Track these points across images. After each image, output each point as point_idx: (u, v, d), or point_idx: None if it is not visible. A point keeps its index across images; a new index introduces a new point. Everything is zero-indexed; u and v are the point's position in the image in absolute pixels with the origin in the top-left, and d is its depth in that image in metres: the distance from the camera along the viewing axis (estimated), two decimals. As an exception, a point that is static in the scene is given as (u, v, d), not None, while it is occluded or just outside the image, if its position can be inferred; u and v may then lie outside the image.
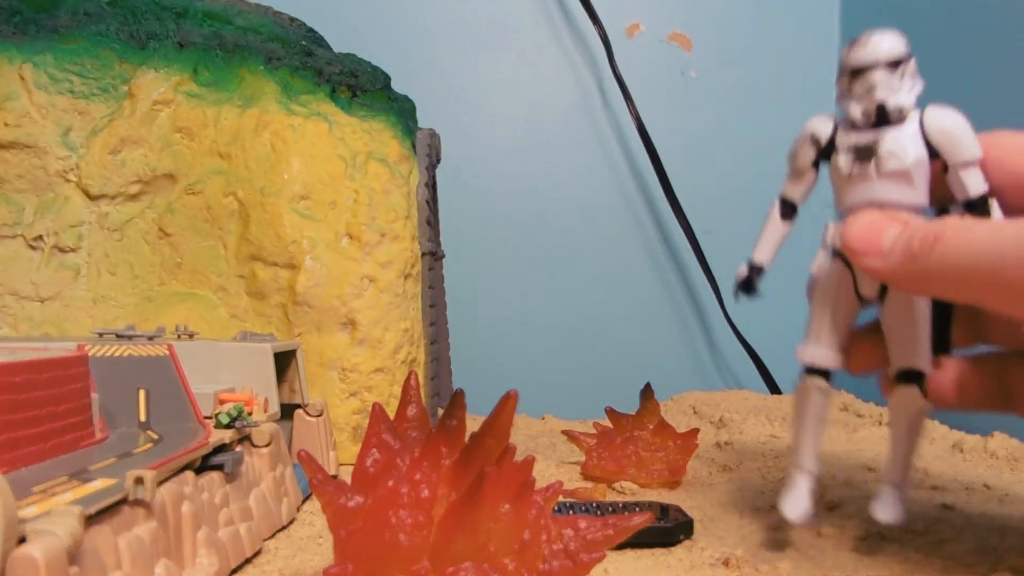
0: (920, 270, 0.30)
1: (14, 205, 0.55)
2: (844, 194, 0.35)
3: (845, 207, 0.34)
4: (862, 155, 0.34)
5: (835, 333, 0.35)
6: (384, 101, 0.62)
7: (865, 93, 0.33)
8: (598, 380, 0.88)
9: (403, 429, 0.27)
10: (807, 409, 0.36)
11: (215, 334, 0.56)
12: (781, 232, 0.38)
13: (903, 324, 0.34)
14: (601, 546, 0.26)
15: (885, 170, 0.33)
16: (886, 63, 0.33)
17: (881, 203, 0.33)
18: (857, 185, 0.34)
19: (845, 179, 0.34)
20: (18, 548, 0.20)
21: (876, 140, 0.33)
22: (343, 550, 0.25)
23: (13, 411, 0.27)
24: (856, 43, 0.34)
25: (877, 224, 0.32)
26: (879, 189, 0.33)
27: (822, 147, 0.35)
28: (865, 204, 0.33)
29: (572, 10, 0.89)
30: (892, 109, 0.33)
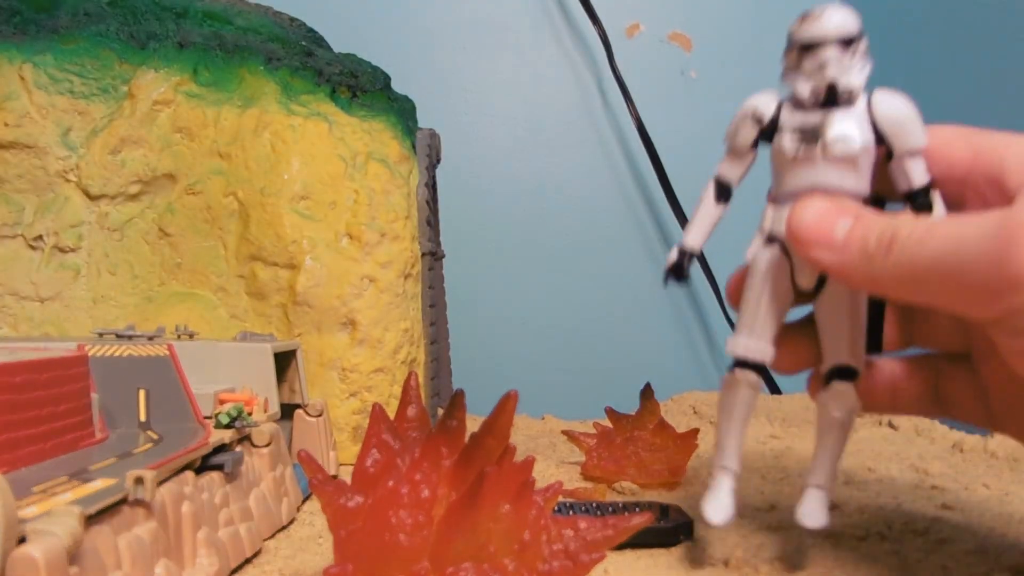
0: (875, 270, 0.29)
1: (14, 205, 0.55)
2: (786, 177, 0.32)
3: (786, 191, 0.32)
4: (808, 137, 0.32)
5: (769, 324, 0.33)
6: (384, 101, 0.62)
7: (815, 70, 0.31)
8: (598, 380, 0.88)
9: (403, 429, 0.27)
10: (734, 405, 0.34)
11: (215, 334, 0.56)
12: (715, 215, 0.35)
13: (840, 319, 0.33)
14: (601, 546, 0.26)
15: (831, 154, 0.31)
16: (839, 40, 0.31)
17: (825, 188, 0.31)
18: (801, 168, 0.32)
19: (788, 161, 0.32)
20: (18, 548, 0.20)
21: (823, 121, 0.31)
22: (343, 550, 0.25)
23: (13, 411, 0.27)
24: (808, 16, 0.31)
25: (828, 213, 0.30)
26: (823, 173, 0.31)
27: (764, 126, 0.33)
28: (808, 189, 0.31)
29: (572, 10, 0.89)
30: (843, 90, 0.31)
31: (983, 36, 0.69)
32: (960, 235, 0.27)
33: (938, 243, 0.27)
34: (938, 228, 0.28)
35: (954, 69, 0.73)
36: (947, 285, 0.27)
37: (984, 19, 0.69)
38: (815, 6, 0.32)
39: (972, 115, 0.70)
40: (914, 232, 0.28)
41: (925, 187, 0.32)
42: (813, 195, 0.31)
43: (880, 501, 0.45)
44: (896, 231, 0.28)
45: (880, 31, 0.84)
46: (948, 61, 0.74)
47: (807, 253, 0.31)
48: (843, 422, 0.33)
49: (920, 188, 0.31)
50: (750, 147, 0.34)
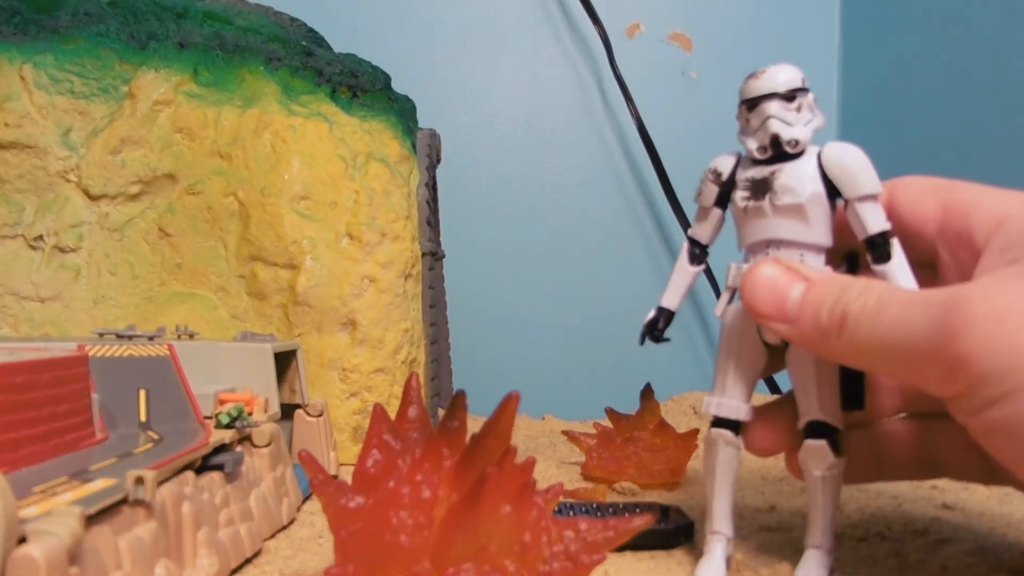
0: (831, 345, 0.30)
1: (14, 205, 0.55)
2: (743, 231, 0.33)
3: (745, 244, 0.33)
4: (757, 189, 0.32)
5: (741, 382, 0.33)
6: (384, 101, 0.62)
7: (760, 126, 0.32)
8: (598, 380, 0.88)
9: (404, 430, 0.27)
10: (716, 464, 0.34)
11: (215, 334, 0.56)
12: (690, 276, 0.36)
13: (808, 374, 0.32)
14: (602, 548, 0.26)
15: (779, 204, 0.32)
16: (781, 94, 0.32)
17: (778, 241, 0.32)
18: (753, 221, 0.33)
19: (742, 214, 0.33)
20: (18, 548, 0.20)
21: (772, 173, 0.32)
22: (344, 551, 0.25)
23: (13, 411, 0.27)
24: (752, 75, 0.33)
25: (779, 283, 0.31)
26: (774, 226, 0.32)
27: (723, 183, 0.34)
28: (763, 242, 0.32)
29: (572, 10, 0.89)
30: (787, 140, 0.32)
31: (983, 36, 0.69)
32: (906, 317, 0.27)
33: (886, 327, 0.28)
34: (886, 311, 0.28)
35: (954, 69, 0.73)
36: (899, 365, 0.28)
37: (984, 19, 0.69)
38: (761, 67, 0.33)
39: (973, 116, 0.70)
40: (864, 310, 0.28)
41: (883, 233, 0.31)
42: (763, 262, 0.31)
43: (880, 501, 0.45)
44: (847, 307, 0.29)
45: (881, 34, 0.84)
46: (948, 61, 0.74)
47: (764, 325, 0.31)
48: (826, 479, 0.32)
49: (876, 234, 0.31)
50: (713, 205, 0.35)
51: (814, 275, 0.31)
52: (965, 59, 0.71)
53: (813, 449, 0.32)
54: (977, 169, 0.70)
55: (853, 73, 0.90)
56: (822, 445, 0.32)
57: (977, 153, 0.70)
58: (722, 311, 0.35)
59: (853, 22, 0.90)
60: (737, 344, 0.33)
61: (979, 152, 0.70)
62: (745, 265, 0.33)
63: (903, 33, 0.81)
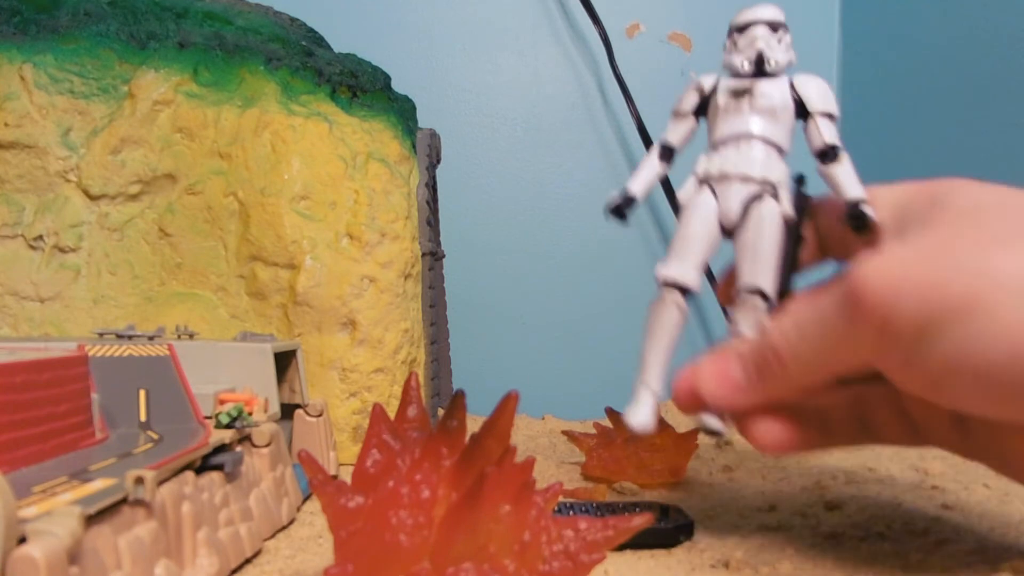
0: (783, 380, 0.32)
1: (14, 205, 0.55)
2: (719, 127, 0.37)
3: (718, 138, 0.37)
4: (738, 94, 0.37)
5: (698, 255, 0.36)
6: (384, 101, 0.62)
7: (747, 45, 0.37)
8: (598, 380, 0.88)
9: (403, 430, 0.27)
10: (661, 324, 0.37)
11: (215, 334, 0.56)
12: (657, 170, 0.39)
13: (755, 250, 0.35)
14: (601, 547, 0.26)
15: (756, 105, 0.36)
16: (767, 22, 0.37)
17: (750, 135, 0.36)
18: (730, 117, 0.37)
19: (721, 112, 0.37)
20: (18, 548, 0.20)
21: (752, 83, 0.37)
22: (343, 550, 0.25)
23: (13, 411, 0.27)
24: (743, 9, 0.37)
25: (719, 367, 0.34)
26: (749, 122, 0.36)
27: (705, 94, 0.38)
28: (735, 135, 0.36)
29: (572, 10, 0.89)
30: (769, 58, 0.36)
31: (983, 36, 0.69)
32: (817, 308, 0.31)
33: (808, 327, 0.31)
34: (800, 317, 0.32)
35: (954, 68, 0.73)
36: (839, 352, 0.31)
37: (984, 19, 0.69)
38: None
39: (973, 115, 0.70)
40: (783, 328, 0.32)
41: (835, 146, 0.36)
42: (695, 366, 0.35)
43: (880, 501, 0.45)
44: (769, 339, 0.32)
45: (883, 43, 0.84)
46: (948, 61, 0.74)
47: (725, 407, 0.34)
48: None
49: (830, 146, 0.36)
50: (691, 112, 0.39)
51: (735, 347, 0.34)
52: (965, 59, 0.71)
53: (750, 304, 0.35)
54: (977, 167, 0.70)
55: (853, 73, 0.90)
56: (758, 301, 0.35)
57: (977, 151, 0.70)
58: (686, 195, 0.38)
59: (853, 22, 0.90)
60: (698, 222, 0.37)
61: (979, 151, 0.70)
62: (716, 154, 0.37)
63: (903, 33, 0.81)
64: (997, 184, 0.32)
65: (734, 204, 0.36)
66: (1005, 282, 0.27)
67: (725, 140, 0.37)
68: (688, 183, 0.38)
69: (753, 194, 0.36)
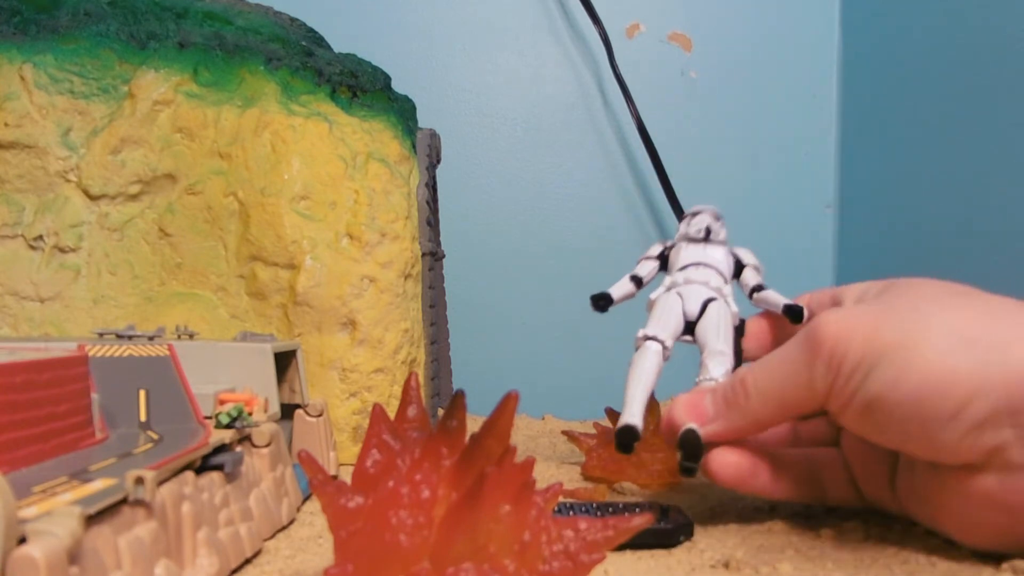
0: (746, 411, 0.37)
1: (14, 205, 0.55)
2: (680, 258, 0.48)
3: (680, 264, 0.48)
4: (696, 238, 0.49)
5: (669, 328, 0.45)
6: (384, 101, 0.62)
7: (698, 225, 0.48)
8: (598, 380, 0.88)
9: (403, 430, 0.27)
10: (640, 366, 0.44)
11: (215, 334, 0.56)
12: (631, 289, 0.50)
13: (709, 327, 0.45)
14: (601, 547, 0.26)
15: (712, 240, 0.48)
16: (711, 213, 0.49)
17: (707, 263, 0.47)
18: (692, 249, 0.48)
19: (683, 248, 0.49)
20: (18, 548, 0.20)
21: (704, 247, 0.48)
22: (343, 551, 0.25)
23: (13, 411, 0.27)
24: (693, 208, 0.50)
25: (692, 401, 0.39)
26: (706, 253, 0.48)
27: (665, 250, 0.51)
28: (695, 261, 0.48)
29: (572, 10, 0.89)
30: (714, 230, 0.48)
31: (983, 36, 0.69)
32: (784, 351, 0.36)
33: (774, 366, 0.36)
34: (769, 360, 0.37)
35: (954, 69, 0.73)
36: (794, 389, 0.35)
37: (984, 19, 0.69)
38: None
39: (973, 116, 0.70)
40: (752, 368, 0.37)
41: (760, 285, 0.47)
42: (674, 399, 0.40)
43: (880, 501, 0.45)
44: (741, 377, 0.37)
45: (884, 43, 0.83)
46: (948, 61, 0.74)
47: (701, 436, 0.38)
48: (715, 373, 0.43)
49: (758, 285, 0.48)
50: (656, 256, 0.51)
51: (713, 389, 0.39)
52: (966, 61, 0.71)
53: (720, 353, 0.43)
54: (977, 167, 0.70)
55: (853, 73, 0.90)
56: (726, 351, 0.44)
57: (977, 152, 0.70)
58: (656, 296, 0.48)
59: (853, 23, 0.90)
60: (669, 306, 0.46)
61: (979, 151, 0.70)
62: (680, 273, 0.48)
63: (903, 34, 0.81)
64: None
65: (695, 304, 0.46)
66: (933, 325, 0.33)
67: (686, 265, 0.48)
68: (659, 290, 0.48)
69: (710, 296, 0.46)
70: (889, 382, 0.32)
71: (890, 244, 0.82)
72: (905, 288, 0.37)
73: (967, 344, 0.32)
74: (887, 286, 0.39)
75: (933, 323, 0.33)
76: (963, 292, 0.36)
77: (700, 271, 0.47)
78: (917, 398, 0.32)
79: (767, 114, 0.92)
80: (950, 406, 0.31)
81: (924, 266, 0.76)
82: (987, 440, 0.31)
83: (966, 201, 0.71)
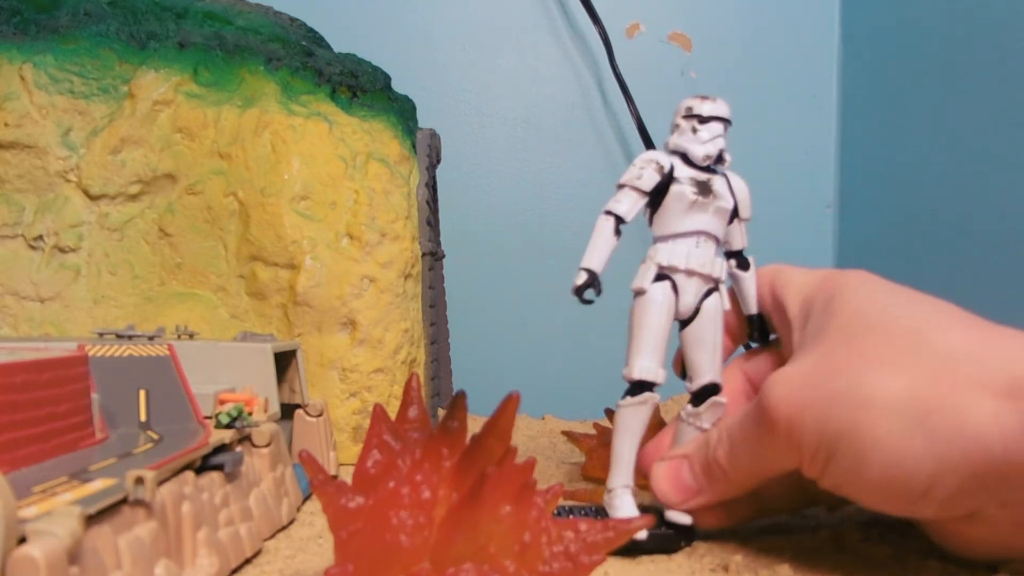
0: (729, 483, 0.37)
1: (14, 205, 0.55)
2: (681, 220, 0.39)
3: (679, 231, 0.39)
4: (702, 189, 0.39)
5: (662, 350, 0.38)
6: (384, 101, 0.62)
7: (710, 139, 0.39)
8: (598, 380, 0.88)
9: (404, 430, 0.27)
10: (637, 424, 0.38)
11: (215, 334, 0.56)
12: (614, 244, 0.40)
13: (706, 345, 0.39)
14: (602, 548, 0.26)
15: (715, 206, 0.39)
16: (728, 120, 0.39)
17: (706, 233, 0.39)
18: (695, 214, 0.39)
19: (688, 206, 0.38)
20: (18, 548, 0.20)
21: (708, 179, 0.39)
22: (344, 551, 0.25)
23: (13, 411, 0.27)
24: (708, 98, 0.39)
25: (673, 475, 0.39)
26: (709, 221, 0.39)
27: (665, 175, 0.39)
28: (695, 232, 0.39)
29: (572, 10, 0.89)
30: (727, 159, 0.40)
31: (983, 36, 0.69)
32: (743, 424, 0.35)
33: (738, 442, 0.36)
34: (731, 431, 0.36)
35: (954, 69, 0.73)
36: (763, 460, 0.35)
37: (984, 19, 0.69)
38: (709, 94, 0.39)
39: (973, 117, 0.70)
40: (721, 444, 0.37)
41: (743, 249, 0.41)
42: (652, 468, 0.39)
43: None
44: (712, 453, 0.37)
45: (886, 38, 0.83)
46: (948, 61, 0.74)
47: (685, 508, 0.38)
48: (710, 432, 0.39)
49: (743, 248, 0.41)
50: (650, 191, 0.39)
51: (685, 450, 0.39)
52: (966, 61, 0.71)
53: (715, 404, 0.39)
54: (977, 167, 0.70)
55: (853, 73, 0.90)
56: (721, 399, 0.39)
57: (977, 152, 0.70)
58: (642, 286, 0.39)
59: (853, 23, 0.90)
60: (664, 317, 0.39)
61: (979, 151, 0.70)
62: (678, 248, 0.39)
63: (903, 34, 0.81)
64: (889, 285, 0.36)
65: (692, 299, 0.39)
66: (880, 403, 0.31)
67: (684, 234, 0.39)
68: (641, 270, 0.40)
69: (708, 290, 0.39)
70: (851, 472, 0.32)
71: (890, 244, 0.82)
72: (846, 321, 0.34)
73: (919, 421, 0.30)
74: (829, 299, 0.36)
75: (879, 401, 0.31)
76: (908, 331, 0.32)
77: (702, 251, 0.39)
78: (881, 485, 0.31)
79: (767, 114, 0.92)
80: (917, 488, 0.30)
81: (924, 266, 0.76)
82: (964, 506, 0.31)
83: (966, 201, 0.71)
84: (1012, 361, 0.30)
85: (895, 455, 0.30)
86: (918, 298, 0.35)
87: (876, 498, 0.32)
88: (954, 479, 0.29)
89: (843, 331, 0.34)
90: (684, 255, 0.38)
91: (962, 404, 0.29)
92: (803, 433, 0.32)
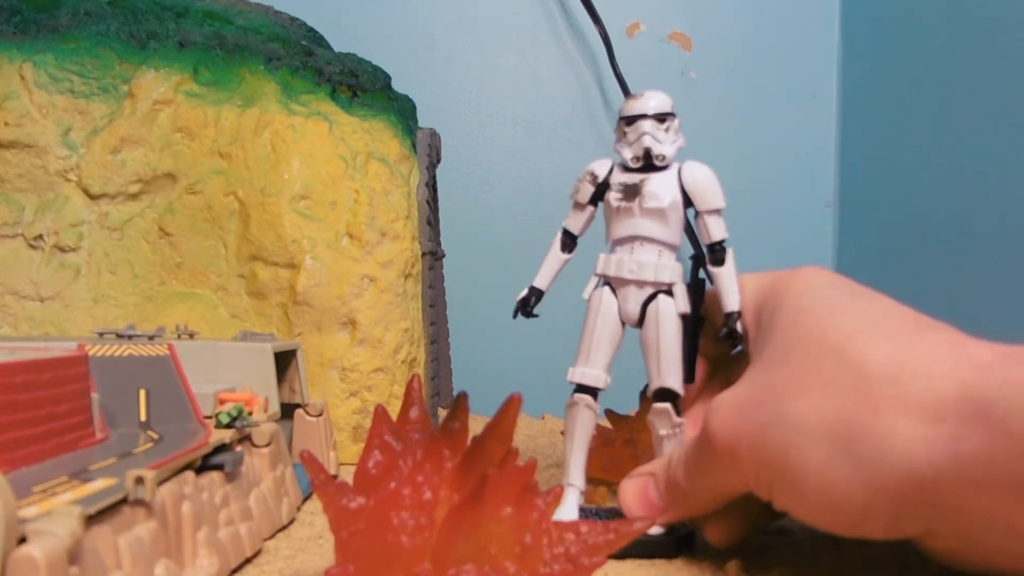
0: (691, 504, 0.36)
1: (14, 205, 0.55)
2: (613, 227, 0.39)
3: (613, 239, 0.39)
4: (628, 192, 0.38)
5: (602, 355, 0.39)
6: (384, 101, 0.62)
7: (635, 139, 0.38)
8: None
9: (405, 431, 0.27)
10: (576, 425, 0.40)
11: (215, 334, 0.56)
12: (561, 261, 0.42)
13: (655, 352, 0.38)
14: (602, 550, 0.26)
15: (646, 207, 0.37)
16: (654, 115, 0.37)
17: (642, 238, 0.38)
18: (623, 219, 0.38)
19: (614, 213, 0.38)
20: (18, 548, 0.20)
21: (641, 181, 0.38)
22: (344, 551, 0.25)
23: (13, 411, 0.27)
24: (632, 97, 0.38)
25: (640, 493, 0.38)
26: (640, 225, 0.38)
27: (599, 184, 0.39)
28: (629, 237, 0.38)
29: (572, 10, 0.89)
30: (656, 155, 0.37)
31: (983, 36, 0.69)
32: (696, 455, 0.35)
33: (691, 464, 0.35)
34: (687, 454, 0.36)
35: (954, 69, 0.73)
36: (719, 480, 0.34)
37: (984, 19, 0.69)
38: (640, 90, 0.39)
39: (973, 117, 0.70)
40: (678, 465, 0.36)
41: (721, 241, 0.38)
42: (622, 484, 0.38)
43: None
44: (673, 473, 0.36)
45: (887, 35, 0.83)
46: (948, 61, 0.74)
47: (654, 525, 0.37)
48: (668, 437, 0.38)
49: (716, 242, 0.38)
50: (588, 202, 0.40)
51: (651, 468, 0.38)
52: (966, 60, 0.71)
53: (659, 411, 0.38)
54: (977, 166, 0.70)
55: (853, 73, 0.90)
56: (666, 407, 0.38)
57: (977, 151, 0.70)
58: (589, 294, 0.40)
59: (853, 23, 0.90)
60: (601, 322, 0.39)
61: (979, 150, 0.70)
62: (613, 256, 0.39)
63: (903, 33, 0.81)
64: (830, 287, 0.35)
65: (633, 305, 0.39)
66: (806, 433, 0.30)
67: (620, 240, 0.39)
68: (591, 282, 0.40)
69: (649, 295, 0.38)
70: (790, 503, 0.32)
71: (890, 244, 0.82)
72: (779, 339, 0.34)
73: (845, 447, 0.29)
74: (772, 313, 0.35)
75: (804, 429, 0.30)
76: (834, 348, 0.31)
77: (635, 257, 0.38)
78: (820, 517, 0.31)
79: (767, 114, 0.92)
80: (854, 517, 0.30)
81: (924, 266, 0.76)
82: (911, 527, 0.30)
83: (965, 200, 0.71)
84: (937, 380, 0.28)
85: (825, 481, 0.30)
86: (854, 305, 0.33)
87: (822, 521, 0.31)
88: (888, 504, 0.29)
89: (776, 350, 0.34)
90: (616, 263, 0.39)
91: (886, 429, 0.28)
92: (742, 460, 0.32)
